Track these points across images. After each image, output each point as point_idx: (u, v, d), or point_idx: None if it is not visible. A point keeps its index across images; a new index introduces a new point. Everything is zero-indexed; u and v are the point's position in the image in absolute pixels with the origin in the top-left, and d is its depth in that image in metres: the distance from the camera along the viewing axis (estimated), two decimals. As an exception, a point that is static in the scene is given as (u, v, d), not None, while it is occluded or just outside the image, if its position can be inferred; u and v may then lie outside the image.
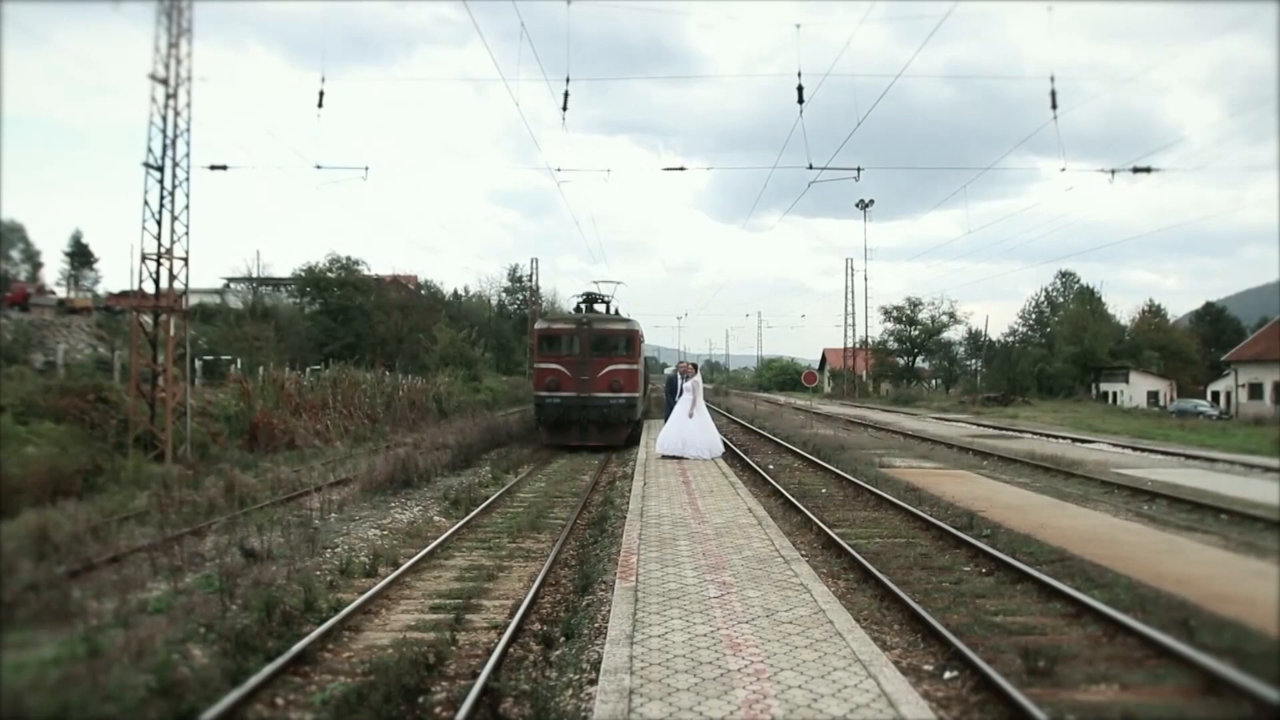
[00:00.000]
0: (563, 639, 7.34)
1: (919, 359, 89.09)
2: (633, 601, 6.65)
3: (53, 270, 54.74)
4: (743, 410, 49.72)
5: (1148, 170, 17.41)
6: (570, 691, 6.01)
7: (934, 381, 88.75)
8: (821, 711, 4.43)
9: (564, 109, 18.37)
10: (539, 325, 26.02)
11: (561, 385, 23.09)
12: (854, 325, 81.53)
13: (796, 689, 4.75)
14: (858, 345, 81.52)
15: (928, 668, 6.60)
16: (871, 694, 4.69)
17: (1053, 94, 17.45)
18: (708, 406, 20.11)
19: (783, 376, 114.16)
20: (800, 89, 18.23)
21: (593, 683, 5.73)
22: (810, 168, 18.76)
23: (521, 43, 16.86)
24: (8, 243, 41.80)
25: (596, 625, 7.35)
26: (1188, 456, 22.71)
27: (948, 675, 6.41)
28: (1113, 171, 17.68)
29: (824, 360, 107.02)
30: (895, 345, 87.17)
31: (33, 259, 46.99)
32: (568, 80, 17.27)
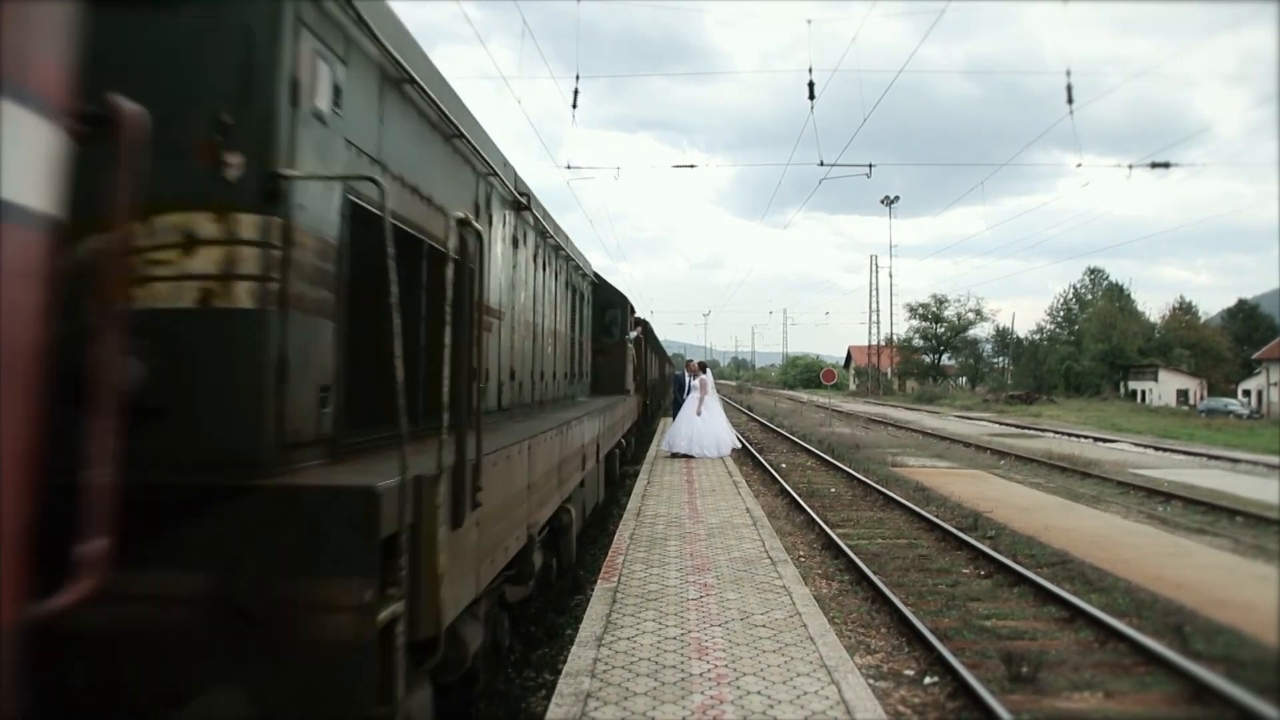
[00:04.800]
0: (545, 639, 7.32)
1: (945, 356, 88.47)
2: (610, 603, 6.61)
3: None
4: (763, 408, 49.57)
5: (1165, 165, 17.08)
6: (544, 693, 5.98)
7: (960, 379, 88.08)
8: (775, 719, 4.36)
9: (574, 106, 18.41)
10: None
11: None
12: (878, 323, 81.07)
13: (755, 695, 4.68)
14: (883, 343, 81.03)
15: (909, 673, 6.49)
16: (830, 701, 4.61)
17: (1069, 88, 17.27)
18: (726, 403, 20.01)
19: (808, 374, 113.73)
20: (811, 85, 18.17)
21: (567, 685, 5.70)
22: (821, 164, 18.63)
23: (527, 40, 16.92)
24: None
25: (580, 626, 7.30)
26: (1210, 457, 22.30)
27: (928, 681, 6.30)
28: (1130, 166, 17.36)
29: (849, 357, 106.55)
30: (921, 343, 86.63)
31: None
32: (577, 78, 17.26)
